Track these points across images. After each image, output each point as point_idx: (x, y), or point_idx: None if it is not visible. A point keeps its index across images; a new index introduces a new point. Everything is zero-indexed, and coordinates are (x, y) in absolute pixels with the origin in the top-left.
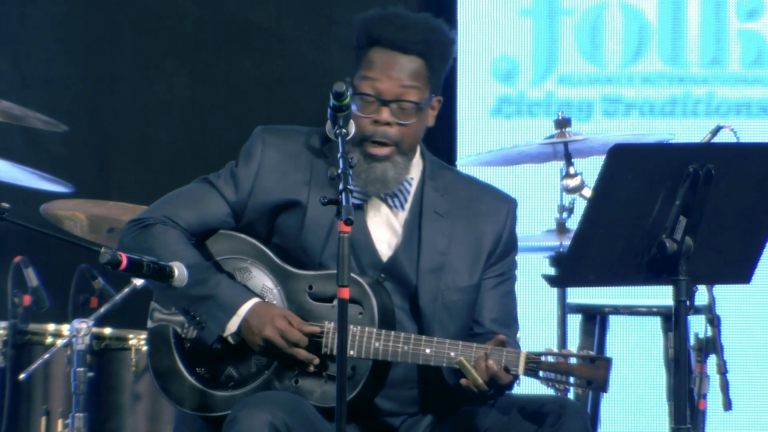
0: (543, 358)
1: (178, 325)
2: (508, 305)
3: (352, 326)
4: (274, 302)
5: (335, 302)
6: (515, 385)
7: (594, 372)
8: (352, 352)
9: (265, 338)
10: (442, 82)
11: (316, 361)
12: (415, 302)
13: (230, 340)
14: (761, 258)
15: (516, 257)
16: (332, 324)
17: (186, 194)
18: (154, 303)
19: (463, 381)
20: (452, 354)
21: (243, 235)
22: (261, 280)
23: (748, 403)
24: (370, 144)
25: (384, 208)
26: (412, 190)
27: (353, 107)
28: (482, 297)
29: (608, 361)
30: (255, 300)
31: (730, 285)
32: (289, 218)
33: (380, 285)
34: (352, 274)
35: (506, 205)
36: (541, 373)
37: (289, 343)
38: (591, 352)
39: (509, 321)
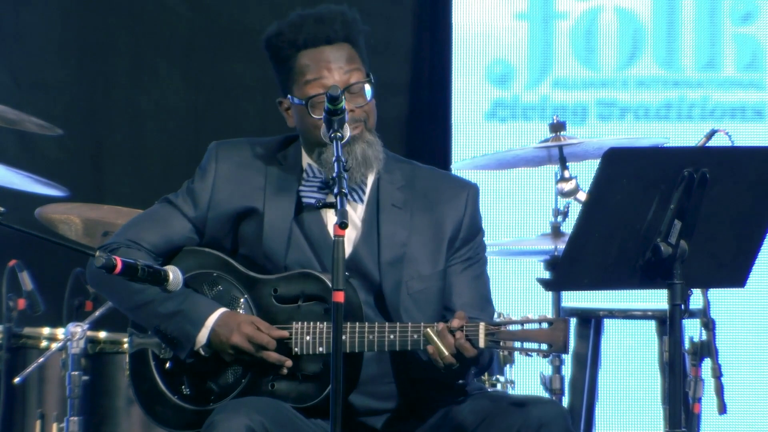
0: (503, 328)
1: (156, 346)
2: (480, 288)
3: (318, 323)
4: (241, 310)
5: (300, 301)
6: (509, 387)
7: (552, 335)
8: (321, 349)
9: (233, 345)
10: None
11: (288, 363)
12: (380, 296)
13: (202, 352)
14: (756, 262)
15: (483, 240)
16: (300, 324)
17: (148, 216)
18: (131, 328)
19: (429, 347)
20: (415, 336)
21: (207, 249)
22: (228, 290)
23: (743, 406)
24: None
25: None
26: (369, 183)
27: (309, 113)
28: (451, 283)
29: (566, 323)
30: (222, 310)
31: (725, 289)
32: (248, 226)
33: (345, 281)
34: (314, 272)
35: (465, 190)
36: (502, 343)
37: (256, 347)
38: (548, 316)
39: (482, 304)
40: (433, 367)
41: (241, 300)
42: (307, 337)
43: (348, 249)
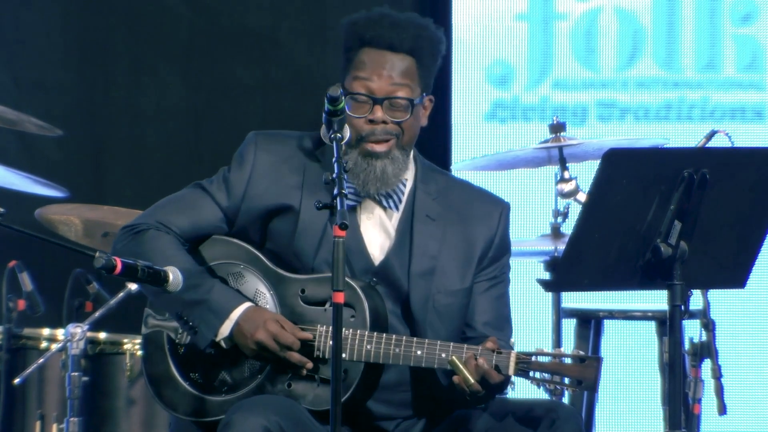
0: (533, 359)
1: (172, 330)
2: (501, 308)
3: (344, 329)
4: (267, 306)
5: (327, 305)
6: (509, 389)
7: (584, 372)
8: (344, 355)
9: (258, 342)
10: (433, 81)
11: (309, 365)
12: (406, 306)
13: (223, 344)
14: (756, 262)
15: (509, 260)
16: (324, 327)
17: (179, 200)
18: (148, 309)
19: (455, 378)
20: (443, 355)
21: (236, 240)
22: (254, 284)
23: (743, 407)
24: (368, 142)
25: (378, 210)
26: (406, 191)
27: (346, 108)
28: (474, 300)
29: (598, 361)
30: (247, 304)
31: (725, 290)
32: (281, 223)
33: (373, 289)
34: (346, 279)
35: (498, 208)
36: (531, 374)
37: (281, 347)
38: (581, 352)
39: (502, 324)
40: (455, 389)
41: (267, 296)
42: (331, 342)
43: (380, 257)
